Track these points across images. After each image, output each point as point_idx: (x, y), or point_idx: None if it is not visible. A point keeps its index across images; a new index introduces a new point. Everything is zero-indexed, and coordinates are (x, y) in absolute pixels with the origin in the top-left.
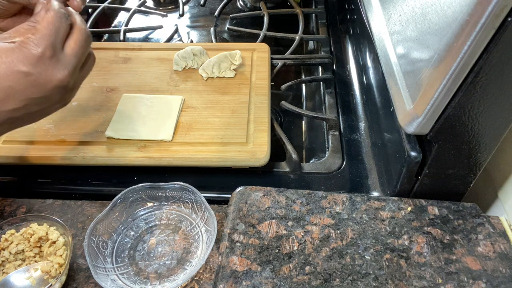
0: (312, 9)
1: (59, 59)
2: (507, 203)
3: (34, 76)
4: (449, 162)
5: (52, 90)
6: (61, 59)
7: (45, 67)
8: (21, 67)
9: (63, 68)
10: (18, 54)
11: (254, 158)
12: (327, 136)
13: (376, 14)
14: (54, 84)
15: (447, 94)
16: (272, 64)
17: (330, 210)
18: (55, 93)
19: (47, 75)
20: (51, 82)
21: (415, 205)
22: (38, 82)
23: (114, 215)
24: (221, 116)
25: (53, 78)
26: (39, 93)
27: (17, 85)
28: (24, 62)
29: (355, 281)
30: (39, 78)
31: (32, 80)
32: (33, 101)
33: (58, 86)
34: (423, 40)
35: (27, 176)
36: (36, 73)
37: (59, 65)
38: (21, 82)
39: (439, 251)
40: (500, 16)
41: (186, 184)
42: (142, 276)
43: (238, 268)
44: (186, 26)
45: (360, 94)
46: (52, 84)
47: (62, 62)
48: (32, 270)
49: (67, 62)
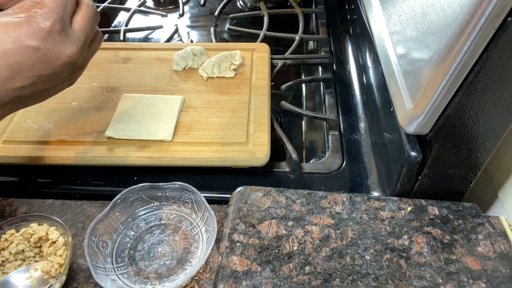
0: (312, 9)
1: (68, 34)
2: (507, 203)
3: (43, 51)
4: (449, 162)
5: (61, 67)
6: (70, 35)
7: (54, 42)
8: (30, 41)
9: (72, 43)
10: (27, 28)
11: (254, 158)
12: (327, 136)
13: (376, 14)
14: (63, 61)
15: (447, 94)
16: (272, 64)
17: (330, 210)
18: (64, 70)
19: (56, 50)
20: (60, 58)
21: (415, 205)
22: (47, 57)
23: (114, 215)
24: (221, 116)
25: (62, 54)
26: (48, 69)
27: (25, 61)
28: (33, 37)
29: (355, 281)
30: (48, 53)
31: (41, 55)
32: (41, 78)
33: (67, 62)
34: (423, 40)
35: (27, 176)
36: (45, 48)
37: (68, 40)
38: (29, 58)
39: (439, 251)
40: (500, 16)
41: (186, 184)
42: (142, 276)
43: (238, 268)
44: (186, 26)
45: (360, 94)
46: (61, 60)
47: (71, 37)
48: (32, 270)
49: (76, 37)
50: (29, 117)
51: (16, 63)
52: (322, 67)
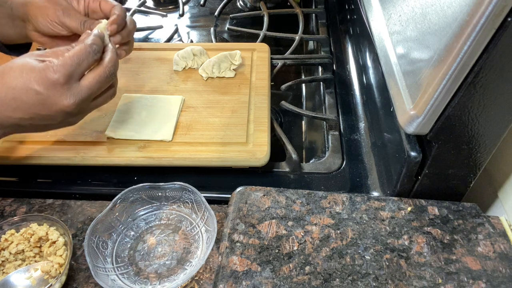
0: (312, 9)
1: (71, 88)
2: (507, 203)
3: (43, 96)
4: (449, 162)
5: (57, 112)
6: (73, 89)
7: (55, 91)
8: (35, 85)
9: (71, 97)
10: (36, 74)
11: (254, 158)
12: (327, 136)
13: (376, 14)
14: (59, 108)
15: (447, 94)
16: (272, 64)
17: (330, 210)
18: (59, 115)
19: (55, 99)
20: (56, 105)
21: (415, 205)
22: (46, 102)
23: (114, 215)
24: (221, 116)
25: (59, 103)
26: (45, 111)
27: (27, 99)
28: (39, 82)
29: (355, 281)
30: (47, 99)
31: (41, 99)
32: (38, 116)
33: (62, 110)
34: (423, 40)
35: (27, 176)
36: (46, 94)
37: (68, 93)
38: (31, 98)
39: (439, 251)
40: (500, 16)
41: (186, 184)
42: (142, 276)
43: (238, 268)
44: (186, 26)
45: (360, 94)
46: (57, 107)
47: (73, 91)
48: (32, 270)
49: (77, 92)
50: None
51: (19, 99)
52: (322, 67)
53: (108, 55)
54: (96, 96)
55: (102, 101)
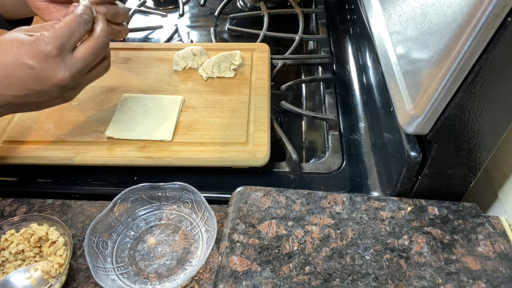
0: (312, 9)
1: (64, 60)
2: (507, 203)
3: (36, 70)
4: (449, 162)
5: (51, 87)
6: (66, 61)
7: (48, 64)
8: (27, 60)
9: (65, 69)
10: (28, 48)
11: (254, 158)
12: (327, 136)
13: (376, 14)
14: (54, 82)
15: (447, 94)
16: (272, 64)
17: (330, 210)
18: (54, 90)
19: (49, 72)
20: (51, 79)
21: (415, 205)
22: (39, 76)
23: (114, 215)
24: (221, 116)
25: (53, 76)
26: (39, 86)
27: (20, 75)
28: (31, 56)
29: (355, 281)
30: (41, 73)
31: (35, 73)
32: (32, 92)
33: (57, 84)
34: (423, 40)
35: (27, 176)
36: (39, 68)
37: (62, 65)
38: (24, 73)
39: (439, 251)
40: (500, 16)
41: (186, 184)
42: (142, 276)
43: (238, 268)
44: (186, 26)
45: (360, 94)
46: (51, 81)
47: (66, 63)
48: (32, 270)
49: (71, 64)
50: (29, 117)
51: (13, 75)
52: (322, 67)
53: (99, 26)
54: (90, 69)
55: (96, 73)
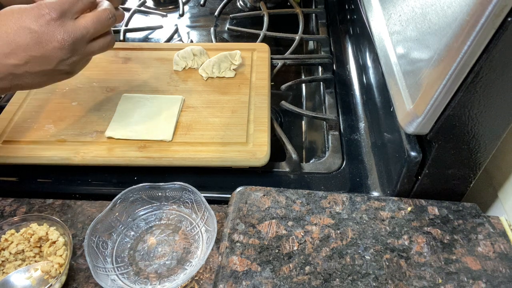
0: (312, 9)
1: (65, 24)
2: (507, 203)
3: (38, 34)
4: (449, 162)
5: (52, 51)
6: (67, 25)
7: (49, 27)
8: (28, 24)
9: (65, 32)
10: (29, 13)
11: (254, 158)
12: (327, 136)
13: (376, 14)
14: (54, 45)
15: (447, 94)
16: (272, 64)
17: (330, 210)
18: (55, 55)
19: (49, 35)
20: (51, 42)
21: (415, 205)
22: (40, 40)
23: (114, 215)
24: (221, 116)
25: (53, 39)
26: (40, 51)
27: (21, 40)
28: (31, 20)
29: (355, 281)
30: (42, 36)
31: (36, 37)
32: (34, 60)
33: (57, 47)
34: (423, 40)
35: (27, 176)
36: (40, 31)
37: (62, 29)
38: (25, 38)
39: (439, 251)
40: (500, 16)
41: (186, 184)
42: (142, 276)
43: (238, 268)
44: (186, 26)
45: (360, 94)
46: (52, 45)
47: (67, 27)
48: (32, 270)
49: (72, 29)
50: (29, 117)
51: (13, 41)
52: (322, 67)
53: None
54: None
55: (98, 46)
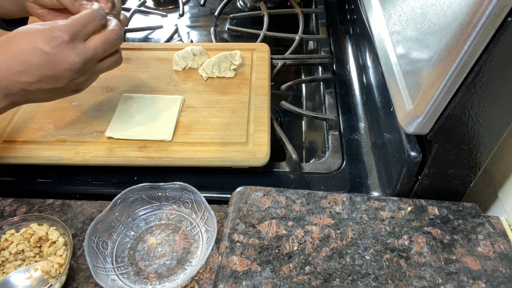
0: (312, 9)
1: (76, 47)
2: (507, 203)
3: (49, 55)
4: (449, 162)
5: (63, 72)
6: (78, 47)
7: (61, 49)
8: (41, 45)
9: (76, 55)
10: (42, 34)
11: (254, 158)
12: (327, 136)
13: (376, 14)
14: (65, 67)
15: (447, 94)
16: (272, 64)
17: (330, 210)
18: (65, 76)
19: (60, 57)
20: (62, 64)
21: (415, 205)
22: (52, 61)
23: (114, 215)
24: (221, 116)
25: (64, 61)
26: (51, 72)
27: (34, 60)
28: (44, 42)
29: (355, 281)
30: (53, 58)
31: (48, 58)
32: (45, 79)
33: (68, 69)
34: (423, 40)
35: (27, 176)
36: (52, 53)
37: (73, 51)
38: (37, 58)
39: (439, 251)
40: (500, 16)
41: (186, 184)
42: (142, 276)
43: (238, 268)
44: (186, 26)
45: (360, 94)
46: (63, 66)
47: (78, 50)
48: (32, 270)
49: (82, 51)
50: (29, 117)
51: (26, 60)
52: (322, 67)
53: (114, 21)
54: (101, 59)
55: (107, 65)
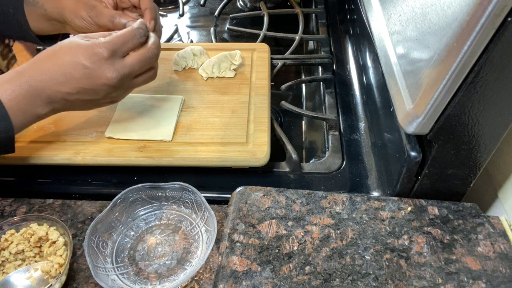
0: (312, 9)
1: (114, 63)
2: (507, 203)
3: (89, 70)
4: (449, 162)
5: (101, 86)
6: (116, 64)
7: (100, 65)
8: (83, 60)
9: (114, 71)
10: (84, 50)
11: (254, 158)
12: (327, 136)
13: (376, 14)
14: (103, 82)
15: (447, 94)
16: (272, 64)
17: (330, 210)
18: (103, 89)
19: (100, 72)
20: (100, 79)
21: (415, 205)
22: (91, 76)
23: (114, 215)
24: (221, 116)
25: (102, 77)
26: (90, 85)
27: (75, 74)
28: (86, 57)
29: (355, 281)
30: (93, 73)
31: (88, 73)
32: (84, 91)
33: (105, 84)
34: (423, 40)
35: (27, 176)
36: (92, 68)
37: (112, 68)
38: (78, 72)
39: (439, 251)
40: (500, 16)
41: (186, 184)
42: (142, 276)
43: (238, 268)
44: (186, 26)
45: (360, 94)
46: (101, 81)
47: (116, 66)
48: (32, 270)
49: (120, 67)
50: None
51: (68, 73)
52: (322, 67)
53: (152, 39)
54: (137, 75)
55: (142, 80)
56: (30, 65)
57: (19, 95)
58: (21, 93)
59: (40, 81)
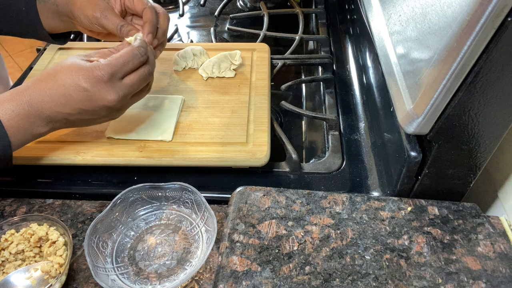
0: (312, 9)
1: (114, 86)
2: (507, 203)
3: (90, 92)
4: (449, 162)
5: (101, 108)
6: (116, 86)
7: (100, 88)
8: (83, 83)
9: (115, 93)
10: (84, 73)
11: (254, 158)
12: (327, 136)
13: (376, 14)
14: (103, 104)
15: (447, 94)
16: (272, 64)
17: (330, 210)
18: (103, 110)
19: (100, 95)
20: (101, 101)
21: (415, 205)
22: (92, 98)
23: (114, 215)
24: (221, 116)
25: (104, 99)
26: (90, 107)
27: (75, 96)
28: (86, 80)
29: (355, 281)
30: (94, 95)
31: (88, 95)
32: (84, 112)
33: (106, 106)
34: (423, 40)
35: (27, 176)
36: (92, 91)
37: (112, 90)
38: (79, 94)
39: (439, 251)
40: (500, 16)
41: (186, 184)
42: (142, 276)
43: (238, 268)
44: (186, 26)
45: (360, 94)
46: (102, 103)
47: (116, 88)
48: (32, 270)
49: (120, 89)
50: None
51: (69, 95)
52: (322, 67)
53: (150, 57)
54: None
55: (139, 97)
56: (31, 85)
57: (19, 115)
58: (21, 112)
59: (40, 101)
